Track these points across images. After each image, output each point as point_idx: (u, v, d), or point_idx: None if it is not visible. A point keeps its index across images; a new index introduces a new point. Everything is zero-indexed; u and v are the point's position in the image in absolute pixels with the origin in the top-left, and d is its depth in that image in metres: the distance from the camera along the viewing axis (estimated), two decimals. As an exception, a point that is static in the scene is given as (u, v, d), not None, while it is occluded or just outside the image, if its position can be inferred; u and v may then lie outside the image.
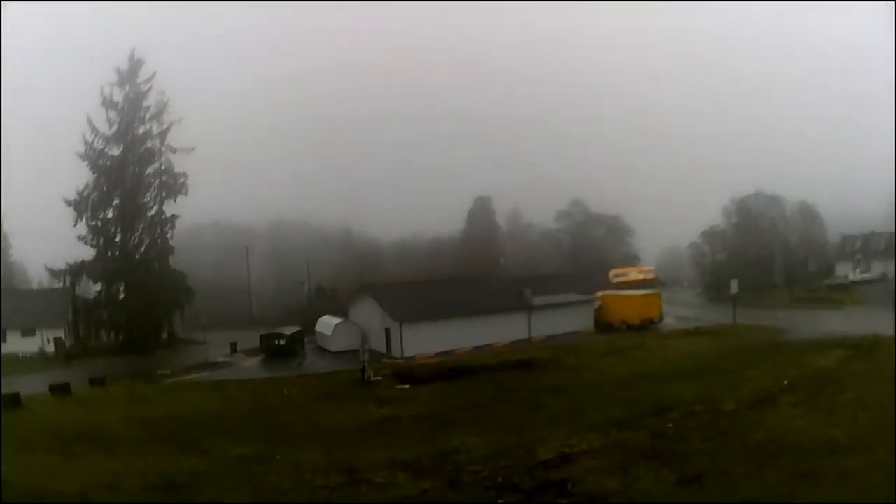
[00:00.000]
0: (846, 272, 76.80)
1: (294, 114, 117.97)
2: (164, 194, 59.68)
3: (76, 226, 56.92)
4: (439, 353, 41.49)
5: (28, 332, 51.31)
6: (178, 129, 59.44)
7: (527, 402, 21.56)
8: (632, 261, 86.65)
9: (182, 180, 59.65)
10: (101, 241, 57.49)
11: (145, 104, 58.63)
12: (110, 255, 57.69)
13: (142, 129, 58.69)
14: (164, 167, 59.65)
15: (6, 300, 50.54)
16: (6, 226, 69.29)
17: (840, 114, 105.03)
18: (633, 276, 73.99)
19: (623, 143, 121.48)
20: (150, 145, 59.06)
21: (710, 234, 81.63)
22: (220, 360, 47.46)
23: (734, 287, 48.83)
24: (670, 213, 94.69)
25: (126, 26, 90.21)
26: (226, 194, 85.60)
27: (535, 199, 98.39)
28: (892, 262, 71.45)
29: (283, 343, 47.14)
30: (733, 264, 69.88)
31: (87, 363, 46.05)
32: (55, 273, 57.43)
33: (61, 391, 28.74)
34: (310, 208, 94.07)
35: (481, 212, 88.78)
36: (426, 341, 42.71)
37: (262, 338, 48.29)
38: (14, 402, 23.91)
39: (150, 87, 58.49)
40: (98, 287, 58.39)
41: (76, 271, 56.89)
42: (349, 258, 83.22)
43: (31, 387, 28.98)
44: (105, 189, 57.43)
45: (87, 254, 57.41)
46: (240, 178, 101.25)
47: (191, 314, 61.02)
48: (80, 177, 57.12)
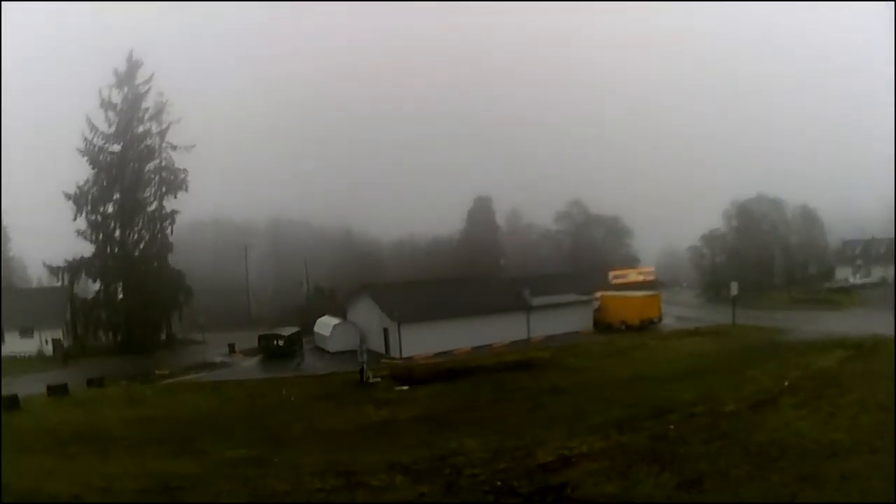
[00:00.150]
0: (846, 276, 76.84)
1: (294, 113, 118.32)
2: (164, 190, 59.91)
3: (76, 220, 57.10)
4: (438, 354, 41.45)
5: (26, 333, 51.31)
6: (177, 128, 59.88)
7: (526, 404, 21.43)
8: (631, 262, 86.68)
9: (182, 176, 59.93)
10: (101, 237, 57.55)
11: (144, 105, 58.92)
12: (109, 251, 57.75)
13: (141, 129, 58.89)
14: (164, 163, 59.89)
15: (5, 299, 50.47)
16: (5, 221, 69.29)
17: (841, 117, 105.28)
18: (633, 277, 74.04)
19: (623, 144, 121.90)
20: (149, 143, 59.26)
21: (709, 238, 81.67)
22: (219, 360, 47.51)
23: (734, 289, 48.85)
24: (670, 215, 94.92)
25: (130, 24, 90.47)
26: (226, 193, 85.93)
27: (534, 199, 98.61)
28: (892, 267, 71.45)
29: (281, 343, 47.11)
30: (733, 266, 69.90)
31: (86, 364, 46.08)
32: (53, 270, 57.36)
33: (59, 392, 28.72)
34: (309, 207, 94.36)
35: (481, 212, 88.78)
36: (425, 342, 42.67)
37: (260, 338, 48.29)
38: (12, 403, 23.87)
39: (149, 89, 58.80)
40: (96, 286, 58.43)
41: (75, 268, 56.84)
42: (348, 258, 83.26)
43: (29, 388, 29.02)
44: (105, 184, 57.54)
45: (86, 250, 57.50)
46: (240, 176, 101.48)
47: (189, 314, 60.97)
48: (80, 172, 57.38)
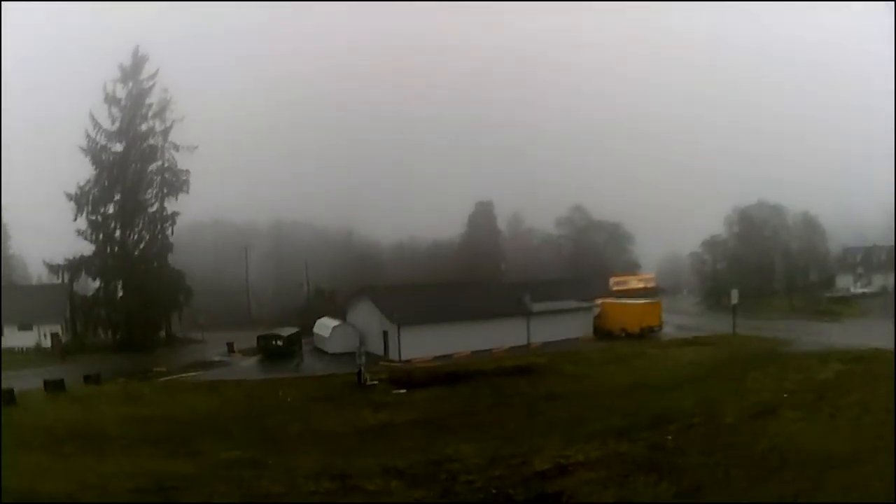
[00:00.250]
0: (847, 285, 76.63)
1: (297, 115, 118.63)
2: (165, 191, 59.75)
3: (76, 220, 56.91)
4: (437, 357, 41.35)
5: (25, 327, 51.29)
6: (180, 127, 59.67)
7: (524, 410, 21.33)
8: (632, 268, 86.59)
9: (184, 178, 59.78)
10: (101, 237, 57.37)
11: (148, 101, 58.68)
12: (109, 251, 57.61)
13: (144, 126, 58.76)
14: (166, 164, 59.75)
15: (4, 295, 50.43)
16: (6, 218, 69.25)
17: (842, 123, 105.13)
18: (634, 283, 73.94)
19: (625, 150, 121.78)
20: (152, 142, 59.12)
21: (710, 244, 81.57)
22: (217, 359, 47.38)
23: (734, 297, 48.70)
24: (672, 221, 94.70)
25: (129, 24, 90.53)
26: (227, 193, 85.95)
27: (536, 204, 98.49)
28: (893, 276, 71.28)
29: (280, 344, 46.96)
30: (734, 273, 69.81)
31: (84, 360, 45.89)
32: (53, 268, 57.21)
33: (55, 388, 28.59)
34: (311, 209, 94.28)
35: (482, 216, 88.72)
36: (424, 345, 42.57)
37: (259, 338, 48.13)
38: (8, 398, 23.72)
39: (154, 85, 58.60)
40: (96, 284, 58.29)
41: (74, 267, 56.74)
42: (349, 260, 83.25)
43: (26, 383, 28.92)
44: (106, 184, 57.38)
45: (87, 249, 57.34)
46: (241, 177, 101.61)
47: (189, 313, 60.88)
48: (82, 171, 57.22)
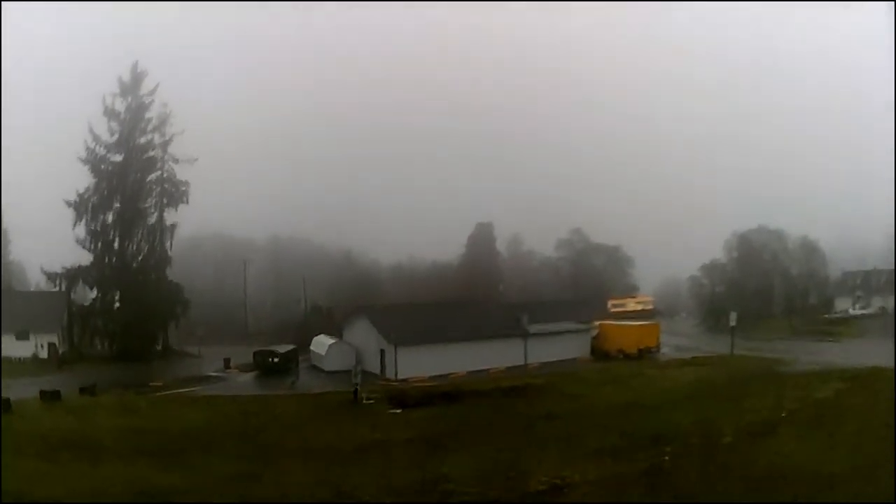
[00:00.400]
0: (846, 307, 76.63)
1: (297, 131, 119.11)
2: (164, 202, 59.90)
3: (75, 227, 56.89)
4: (434, 377, 41.09)
5: (22, 336, 51.02)
6: (180, 139, 59.87)
7: (520, 430, 21.19)
8: (631, 291, 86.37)
9: (183, 189, 59.92)
10: (100, 246, 57.24)
11: (147, 116, 58.93)
12: (107, 260, 57.48)
13: (143, 139, 58.96)
14: (165, 175, 59.89)
15: (3, 302, 49.99)
16: (5, 224, 69.08)
17: (842, 145, 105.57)
18: (632, 306, 73.71)
19: (626, 174, 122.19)
20: (151, 154, 59.34)
21: (709, 268, 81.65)
22: (213, 374, 47.09)
23: (733, 319, 48.65)
24: (671, 245, 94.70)
25: (130, 35, 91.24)
26: (226, 207, 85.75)
27: (536, 226, 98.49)
28: (892, 297, 71.33)
29: (276, 360, 46.68)
30: (733, 296, 69.76)
31: (80, 370, 45.72)
32: (51, 276, 56.88)
33: (51, 398, 28.57)
34: (310, 225, 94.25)
35: (482, 237, 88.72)
36: (421, 364, 42.37)
37: (255, 354, 47.89)
38: (4, 406, 23.82)
39: (153, 101, 58.87)
40: (94, 293, 58.05)
41: (72, 276, 56.51)
42: (347, 278, 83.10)
43: (23, 391, 28.82)
44: (105, 193, 57.42)
45: (85, 258, 57.22)
46: (241, 191, 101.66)
47: (186, 326, 60.63)
48: (81, 180, 57.25)
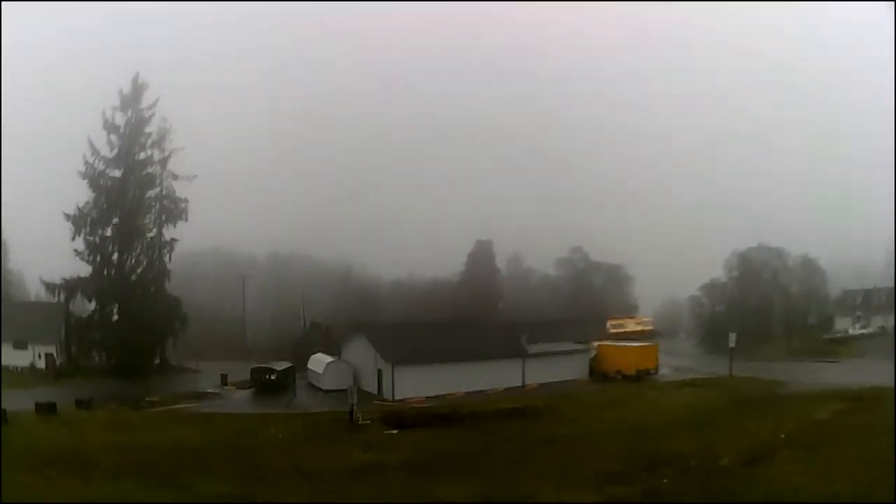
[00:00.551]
0: (846, 326, 76.33)
1: (299, 148, 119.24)
2: (164, 218, 59.62)
3: (74, 240, 56.43)
4: (431, 398, 40.83)
5: (20, 345, 50.71)
6: (180, 155, 59.73)
7: (517, 453, 20.99)
8: (631, 311, 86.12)
9: (183, 206, 59.63)
10: (98, 259, 56.88)
11: (147, 130, 58.73)
12: (106, 273, 57.11)
13: (143, 155, 58.75)
14: (164, 191, 59.72)
15: (2, 310, 49.65)
16: (5, 234, 68.82)
17: (843, 163, 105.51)
18: (631, 326, 73.49)
19: (626, 192, 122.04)
20: (151, 170, 59.10)
21: (709, 288, 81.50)
22: (210, 390, 46.88)
23: (732, 340, 48.56)
24: (672, 264, 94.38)
25: (131, 49, 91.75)
26: (227, 222, 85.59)
27: (536, 244, 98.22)
28: (892, 317, 71.08)
29: (273, 378, 46.46)
30: (733, 316, 69.54)
31: (77, 383, 45.41)
32: (50, 287, 56.40)
33: (47, 410, 28.43)
34: (310, 241, 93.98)
35: (482, 255, 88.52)
36: (418, 384, 42.16)
37: (252, 371, 47.63)
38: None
39: (153, 114, 58.65)
40: (92, 305, 57.56)
41: (71, 287, 56.10)
42: (347, 295, 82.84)
43: (18, 403, 28.51)
44: (105, 207, 57.11)
45: (84, 270, 56.76)
46: (241, 207, 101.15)
47: (184, 341, 60.31)
48: (81, 193, 56.95)
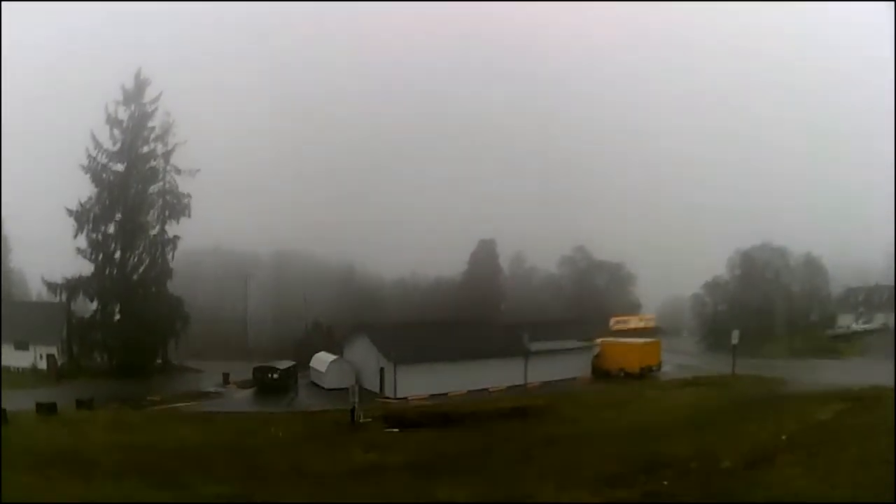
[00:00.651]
0: (848, 322, 76.35)
1: (302, 146, 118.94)
2: (166, 214, 59.47)
3: (76, 238, 56.32)
4: (433, 396, 40.89)
5: (21, 346, 50.66)
6: (182, 150, 59.50)
7: (518, 454, 20.94)
8: (633, 309, 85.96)
9: (185, 201, 59.52)
10: (101, 257, 56.74)
11: (150, 124, 58.50)
12: (108, 272, 56.96)
13: (146, 149, 58.56)
14: (167, 187, 59.63)
15: (3, 311, 49.53)
16: (6, 232, 68.76)
17: (845, 160, 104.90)
18: (634, 323, 73.37)
19: (629, 191, 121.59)
20: (153, 164, 58.95)
21: (712, 286, 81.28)
22: (212, 390, 46.96)
23: (735, 338, 48.47)
24: (674, 262, 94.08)
25: (133, 44, 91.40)
26: (229, 221, 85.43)
27: (538, 243, 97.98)
28: (893, 314, 70.98)
29: (275, 377, 46.34)
30: (735, 315, 69.37)
31: (79, 384, 45.44)
32: (52, 286, 56.31)
33: (47, 411, 28.41)
34: (313, 240, 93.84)
35: (484, 254, 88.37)
36: (420, 383, 42.20)
37: (254, 370, 47.53)
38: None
39: (156, 109, 58.47)
40: (94, 305, 57.42)
41: (73, 287, 55.99)
42: (349, 294, 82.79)
43: (19, 403, 28.55)
44: (107, 203, 56.99)
45: (86, 269, 56.61)
46: (243, 205, 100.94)
47: (186, 341, 60.31)
48: (83, 189, 56.76)
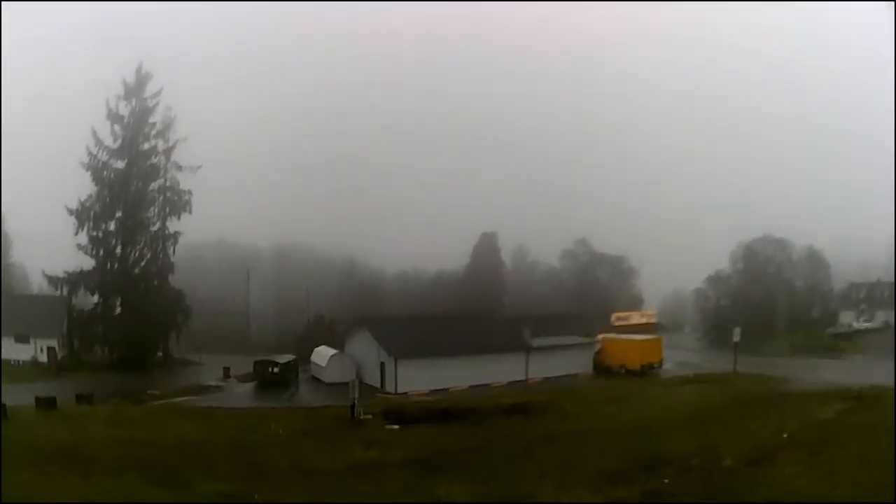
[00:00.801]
0: (850, 320, 75.94)
1: (303, 139, 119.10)
2: (167, 211, 59.44)
3: (77, 235, 56.41)
4: (434, 391, 40.82)
5: (22, 339, 50.78)
6: (183, 146, 59.40)
7: (518, 451, 20.87)
8: (636, 303, 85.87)
9: (186, 198, 59.46)
10: (101, 253, 56.81)
11: (151, 120, 58.42)
12: (109, 267, 57.04)
13: (147, 145, 58.48)
14: (168, 183, 59.56)
15: (3, 304, 49.72)
16: (7, 228, 68.87)
17: (847, 153, 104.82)
18: (636, 319, 73.27)
19: (630, 184, 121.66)
20: (154, 161, 58.84)
21: (714, 280, 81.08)
22: (213, 384, 46.95)
23: (737, 335, 48.28)
24: (677, 256, 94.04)
25: (134, 40, 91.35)
26: (230, 215, 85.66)
27: (540, 236, 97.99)
28: (894, 312, 70.70)
29: (276, 371, 46.26)
30: (737, 310, 69.24)
31: (79, 377, 45.51)
32: (53, 280, 56.48)
33: (47, 405, 28.30)
34: (314, 234, 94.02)
35: (486, 248, 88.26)
36: (421, 378, 42.14)
37: (255, 364, 47.47)
38: (-1, 412, 23.68)
39: (157, 103, 58.34)
40: (95, 299, 57.53)
41: (74, 281, 56.08)
42: (351, 287, 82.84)
43: (19, 397, 28.48)
44: (108, 201, 57.03)
45: (87, 263, 56.73)
46: (245, 199, 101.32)
47: (187, 334, 60.37)
48: (84, 186, 56.80)
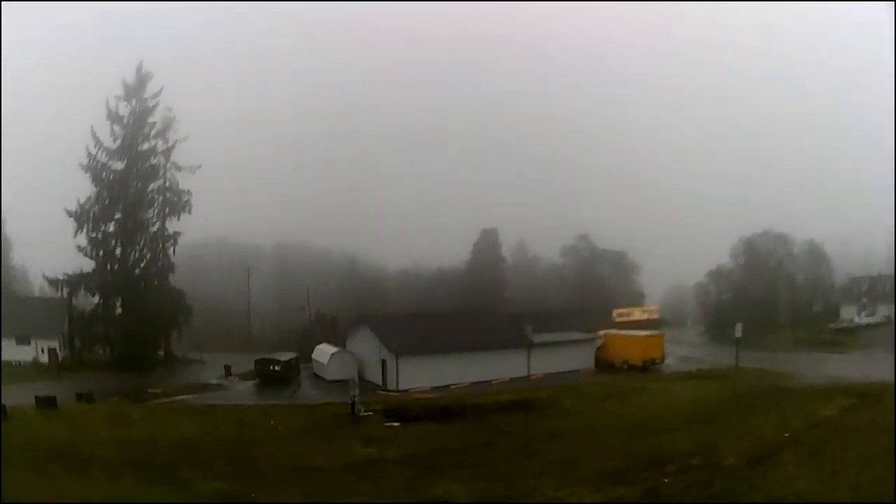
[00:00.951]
0: (851, 315, 75.71)
1: (303, 137, 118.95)
2: (167, 211, 59.34)
3: (76, 237, 56.35)
4: (435, 388, 40.79)
5: (23, 340, 50.87)
6: (183, 146, 59.29)
7: (518, 448, 20.82)
8: (637, 299, 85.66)
9: (186, 198, 59.37)
10: (101, 254, 56.74)
11: (151, 120, 58.26)
12: (109, 268, 57.01)
13: (146, 146, 58.35)
14: (168, 184, 59.45)
15: (3, 306, 49.77)
16: (8, 229, 68.92)
17: (849, 148, 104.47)
18: (637, 315, 73.07)
19: (631, 179, 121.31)
20: (154, 161, 58.74)
21: (716, 274, 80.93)
22: (214, 382, 46.88)
23: (738, 330, 48.24)
24: (678, 251, 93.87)
25: (133, 40, 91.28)
26: (231, 213, 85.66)
27: (541, 232, 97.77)
28: (894, 306, 70.46)
29: (277, 369, 46.20)
30: (738, 304, 69.15)
31: (80, 377, 45.44)
32: (53, 282, 56.57)
33: (47, 405, 28.29)
34: (315, 231, 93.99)
35: (487, 244, 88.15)
36: (422, 375, 42.09)
37: (256, 362, 47.42)
38: (-1, 413, 23.70)
39: (157, 104, 58.19)
40: (95, 300, 57.44)
41: (74, 282, 56.11)
42: (352, 285, 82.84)
43: (20, 397, 28.54)
44: (107, 202, 56.91)
45: (87, 265, 56.72)
46: (246, 197, 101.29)
47: (188, 333, 60.38)
48: (83, 188, 56.70)
